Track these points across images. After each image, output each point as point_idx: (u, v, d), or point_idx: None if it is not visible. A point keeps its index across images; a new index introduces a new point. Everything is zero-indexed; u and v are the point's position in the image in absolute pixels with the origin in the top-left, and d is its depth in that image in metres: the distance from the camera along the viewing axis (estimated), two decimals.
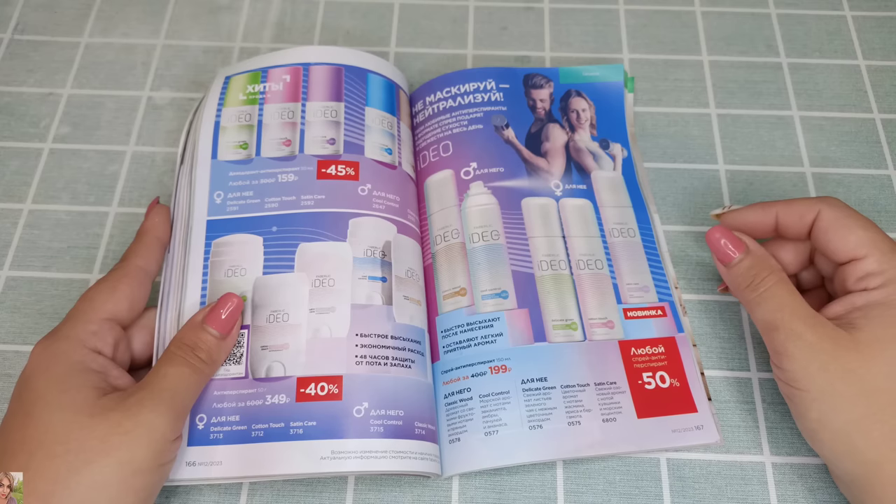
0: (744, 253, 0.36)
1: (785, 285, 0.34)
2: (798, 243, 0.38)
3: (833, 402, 0.32)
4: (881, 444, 0.31)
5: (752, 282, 0.35)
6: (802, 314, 0.33)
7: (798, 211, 0.36)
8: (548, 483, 0.37)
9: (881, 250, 0.34)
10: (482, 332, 0.38)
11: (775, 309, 0.34)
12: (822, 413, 0.32)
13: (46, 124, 0.48)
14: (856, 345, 0.32)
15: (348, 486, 0.36)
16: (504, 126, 0.44)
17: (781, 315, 0.34)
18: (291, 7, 0.53)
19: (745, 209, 0.38)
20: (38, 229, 0.44)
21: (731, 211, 0.39)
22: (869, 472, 0.32)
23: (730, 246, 0.36)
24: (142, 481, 0.30)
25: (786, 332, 0.33)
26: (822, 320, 0.33)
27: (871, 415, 0.31)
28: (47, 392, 0.31)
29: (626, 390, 0.37)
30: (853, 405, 0.32)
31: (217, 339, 0.34)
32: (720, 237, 0.36)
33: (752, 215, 0.38)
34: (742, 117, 0.48)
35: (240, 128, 0.41)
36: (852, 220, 0.35)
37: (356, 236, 0.38)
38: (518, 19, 0.52)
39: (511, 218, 0.41)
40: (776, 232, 0.38)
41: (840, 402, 0.32)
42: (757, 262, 0.35)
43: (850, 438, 0.32)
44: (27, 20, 0.52)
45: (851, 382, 0.32)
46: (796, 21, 0.52)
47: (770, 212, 0.37)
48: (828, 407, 0.32)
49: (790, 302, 0.34)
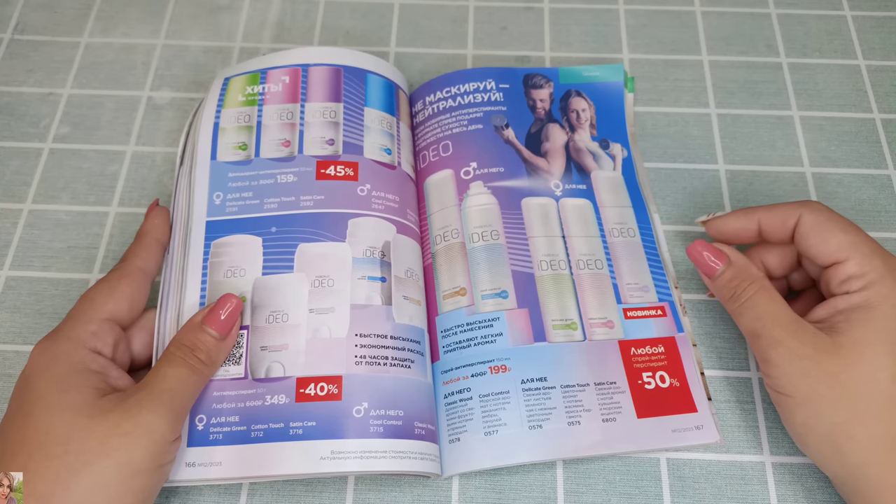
0: (725, 264, 0.36)
1: (766, 293, 0.35)
2: (783, 247, 0.38)
3: (817, 407, 0.32)
4: (865, 447, 0.31)
5: (734, 293, 0.35)
6: (783, 321, 0.34)
7: (780, 216, 0.36)
8: (548, 483, 0.37)
9: (862, 253, 0.34)
10: (482, 332, 0.38)
11: (756, 317, 0.34)
12: (807, 417, 0.33)
13: (46, 124, 0.48)
14: (837, 349, 0.32)
15: (348, 486, 0.37)
16: (504, 126, 0.44)
17: (762, 323, 0.34)
18: (291, 7, 0.53)
19: (728, 216, 0.38)
20: (38, 229, 0.44)
21: (715, 218, 0.39)
22: (855, 474, 0.32)
23: (712, 258, 0.36)
24: (141, 482, 0.30)
25: (767, 339, 0.33)
26: (804, 326, 0.33)
27: (855, 418, 0.32)
28: (47, 392, 0.31)
29: (625, 390, 0.37)
30: (836, 409, 0.32)
31: (216, 340, 0.34)
32: (702, 250, 0.37)
33: (735, 222, 0.38)
34: (742, 117, 0.48)
35: (239, 129, 0.41)
36: (833, 224, 0.35)
37: (355, 236, 0.38)
38: (518, 19, 0.52)
39: (511, 218, 0.41)
40: (760, 237, 0.38)
41: (824, 406, 0.32)
42: (738, 272, 0.36)
43: (834, 442, 0.32)
44: (27, 20, 0.52)
45: (833, 386, 0.32)
46: (796, 21, 0.52)
47: (752, 218, 0.37)
48: (812, 412, 0.32)
49: (771, 310, 0.34)
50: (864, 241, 0.34)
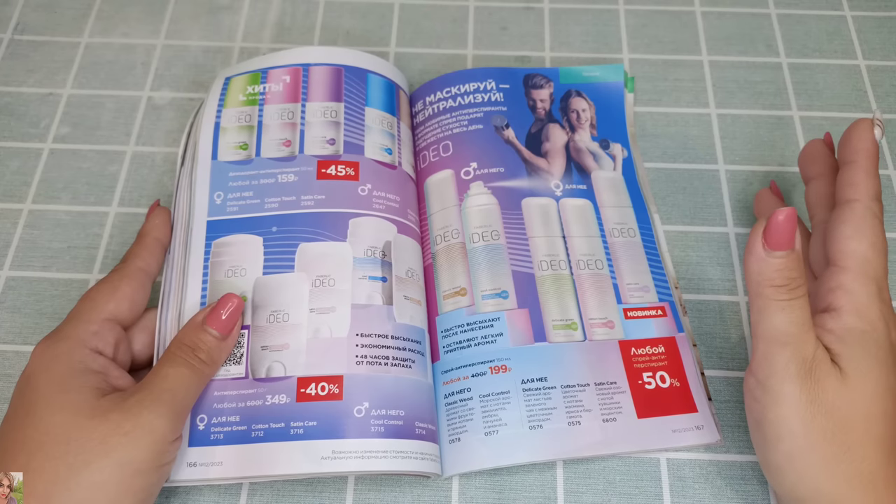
0: (792, 248, 0.31)
1: (808, 300, 0.31)
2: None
3: (809, 436, 0.30)
4: (843, 483, 0.30)
5: (787, 283, 0.31)
6: (813, 336, 0.31)
7: (850, 182, 0.33)
8: (548, 483, 0.37)
9: (866, 273, 0.32)
10: (482, 332, 0.38)
11: (797, 321, 0.31)
12: (795, 448, 0.30)
13: (46, 124, 0.48)
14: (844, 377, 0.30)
15: (348, 486, 0.37)
16: (504, 126, 0.44)
17: (798, 331, 0.31)
18: (291, 7, 0.53)
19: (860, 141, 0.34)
20: (38, 229, 0.44)
21: (875, 123, 0.35)
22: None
23: (787, 234, 0.30)
24: (142, 482, 0.30)
25: (795, 349, 0.31)
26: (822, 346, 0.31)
27: (842, 453, 0.30)
28: (48, 392, 0.31)
29: (626, 390, 0.37)
30: (829, 442, 0.30)
31: (217, 340, 0.34)
32: (785, 219, 0.30)
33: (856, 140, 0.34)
34: (742, 117, 0.48)
35: (240, 128, 0.41)
36: (869, 231, 0.32)
37: (356, 236, 0.38)
38: (518, 19, 0.52)
39: (511, 218, 0.41)
40: (832, 174, 0.36)
41: (815, 436, 0.30)
42: (799, 264, 0.31)
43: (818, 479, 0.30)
44: (27, 20, 0.52)
45: (831, 418, 0.30)
46: (796, 21, 0.52)
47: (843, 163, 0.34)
48: (803, 441, 0.30)
49: (808, 319, 0.31)
50: (878, 266, 0.32)
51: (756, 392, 0.32)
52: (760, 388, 0.32)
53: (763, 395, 0.31)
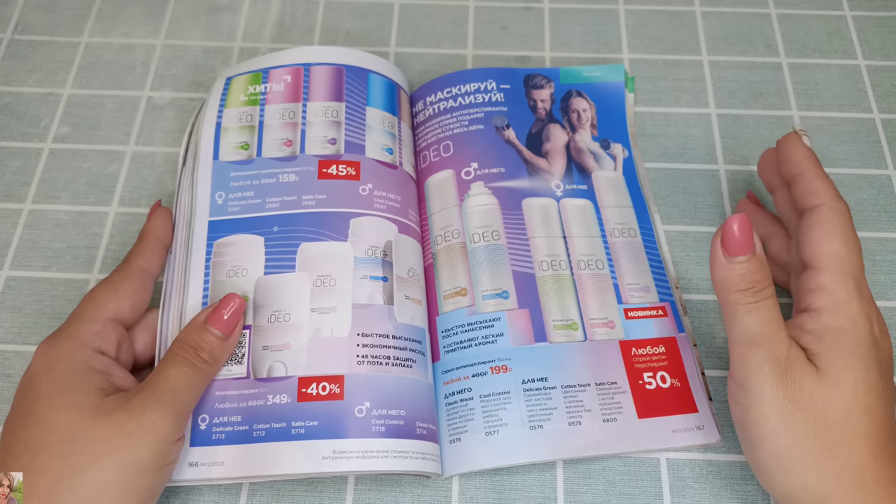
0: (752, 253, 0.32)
1: (775, 300, 0.32)
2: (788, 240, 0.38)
3: (792, 436, 0.30)
4: (832, 480, 0.30)
5: (752, 286, 0.31)
6: (785, 336, 0.31)
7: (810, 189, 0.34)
8: (548, 483, 0.37)
9: (843, 271, 0.32)
10: (483, 333, 0.38)
11: (766, 322, 0.31)
12: (780, 446, 0.30)
13: (46, 124, 0.48)
14: (821, 375, 0.31)
15: (348, 486, 0.37)
16: (505, 126, 0.44)
17: (770, 330, 0.31)
18: (291, 7, 0.53)
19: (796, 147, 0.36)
20: (38, 229, 0.44)
21: (800, 135, 0.36)
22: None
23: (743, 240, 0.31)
24: (144, 482, 0.30)
25: (768, 350, 0.31)
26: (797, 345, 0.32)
27: (828, 451, 0.30)
28: (51, 392, 0.31)
29: (626, 390, 0.37)
30: (813, 441, 0.30)
31: (219, 340, 0.34)
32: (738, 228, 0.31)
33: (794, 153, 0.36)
34: (742, 117, 0.48)
35: (241, 128, 0.41)
36: (840, 231, 0.33)
37: (357, 236, 0.38)
38: (518, 19, 0.52)
39: (512, 218, 0.41)
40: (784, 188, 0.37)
41: (799, 435, 0.30)
42: (761, 266, 0.32)
43: (805, 476, 0.30)
44: (27, 20, 0.52)
45: (811, 416, 0.30)
46: (796, 21, 0.52)
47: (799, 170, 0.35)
48: (788, 439, 0.30)
49: (778, 319, 0.32)
50: (853, 262, 0.32)
51: (738, 395, 0.32)
52: (741, 391, 0.32)
53: (744, 397, 0.31)
